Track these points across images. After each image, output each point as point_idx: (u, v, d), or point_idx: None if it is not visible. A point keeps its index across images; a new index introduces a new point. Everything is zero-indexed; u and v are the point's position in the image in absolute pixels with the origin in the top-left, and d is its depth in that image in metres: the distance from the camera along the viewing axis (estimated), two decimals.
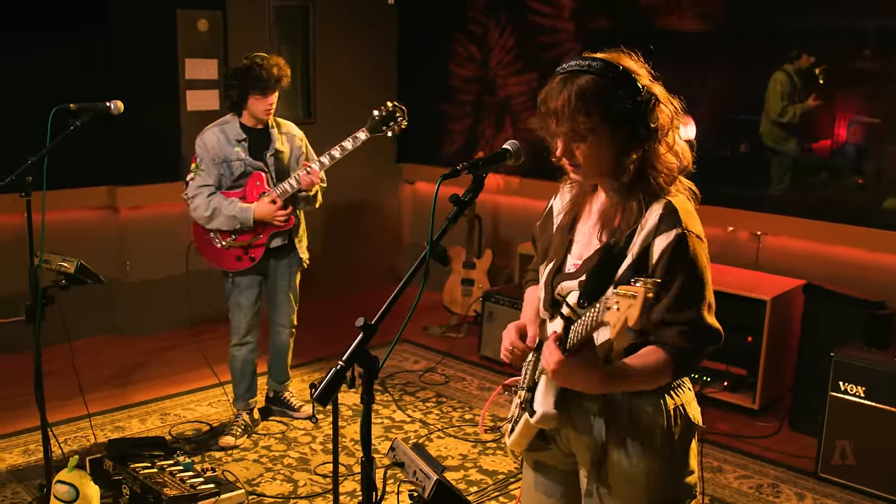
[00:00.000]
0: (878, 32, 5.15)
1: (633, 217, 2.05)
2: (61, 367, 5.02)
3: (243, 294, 4.64)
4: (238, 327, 4.68)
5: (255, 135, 4.55)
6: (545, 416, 2.13)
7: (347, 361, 1.95)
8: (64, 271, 3.68)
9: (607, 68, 2.01)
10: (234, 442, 4.58)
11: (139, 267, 6.39)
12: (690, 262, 2.01)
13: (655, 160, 2.06)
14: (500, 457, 4.53)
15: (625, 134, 2.03)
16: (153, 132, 6.28)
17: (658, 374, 2.02)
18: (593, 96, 1.98)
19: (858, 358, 4.26)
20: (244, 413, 4.76)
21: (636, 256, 2.03)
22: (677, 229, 2.00)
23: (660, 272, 1.99)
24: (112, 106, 3.66)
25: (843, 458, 4.24)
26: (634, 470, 2.11)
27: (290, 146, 4.66)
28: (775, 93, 5.48)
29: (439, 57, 7.51)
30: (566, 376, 1.95)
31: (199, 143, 4.50)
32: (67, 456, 4.07)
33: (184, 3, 6.31)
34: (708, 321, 2.03)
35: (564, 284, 2.16)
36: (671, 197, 2.06)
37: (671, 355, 2.00)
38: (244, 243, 4.53)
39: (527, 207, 6.91)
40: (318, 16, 7.13)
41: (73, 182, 5.90)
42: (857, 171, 5.31)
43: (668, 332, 2.01)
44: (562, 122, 2.03)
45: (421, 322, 6.69)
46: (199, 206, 4.44)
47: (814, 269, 5.29)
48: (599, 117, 1.99)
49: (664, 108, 2.07)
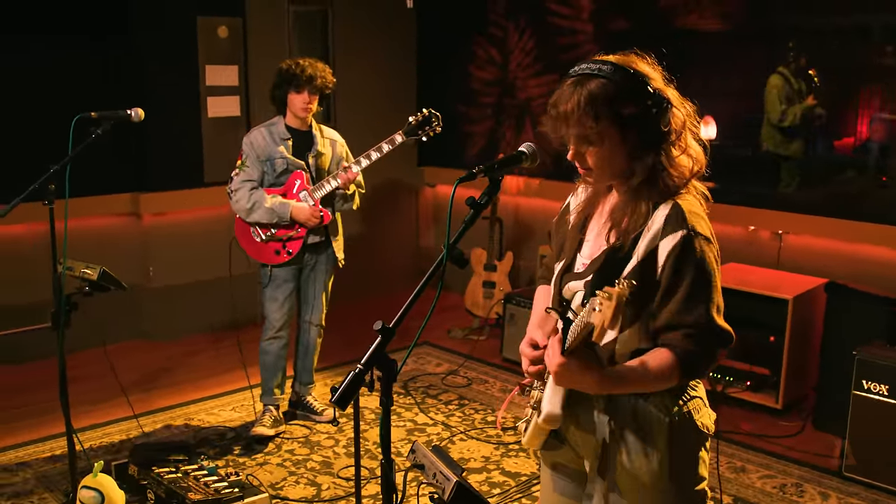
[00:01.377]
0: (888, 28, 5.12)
1: (641, 219, 2.05)
2: (87, 373, 5.10)
3: (280, 288, 4.76)
4: (273, 320, 4.80)
5: (299, 135, 4.73)
6: (549, 416, 2.14)
7: (366, 365, 1.96)
8: (87, 278, 3.72)
9: (617, 72, 2.00)
10: (269, 432, 4.69)
11: (163, 272, 6.44)
12: (697, 264, 1.99)
13: (667, 163, 2.05)
14: (522, 458, 4.53)
15: (635, 137, 2.03)
16: (175, 139, 6.34)
17: (664, 376, 2.01)
18: (602, 101, 1.98)
19: (882, 356, 4.23)
20: (272, 408, 4.84)
21: (641, 258, 2.02)
22: (683, 231, 1.99)
23: (666, 274, 1.99)
24: (133, 114, 3.70)
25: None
26: (636, 472, 2.10)
27: (332, 150, 4.82)
28: (772, 96, 5.46)
29: (459, 60, 7.52)
30: (565, 377, 1.98)
31: (247, 141, 4.69)
32: (92, 461, 4.11)
33: (204, 11, 6.36)
34: (716, 323, 2.02)
35: (571, 284, 2.17)
36: (679, 199, 2.05)
37: (678, 357, 1.99)
38: (283, 237, 4.67)
39: (547, 209, 6.91)
40: (337, 20, 7.16)
41: (96, 189, 5.98)
42: (880, 169, 5.28)
43: (674, 334, 2.01)
44: (571, 126, 2.03)
45: (444, 325, 6.70)
46: (240, 199, 4.61)
47: (836, 268, 5.26)
48: (608, 122, 2.00)
49: (677, 111, 2.06)
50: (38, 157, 3.97)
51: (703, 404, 2.17)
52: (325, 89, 4.64)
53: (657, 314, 2.02)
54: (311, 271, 4.85)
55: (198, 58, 6.37)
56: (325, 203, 4.70)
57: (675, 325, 2.00)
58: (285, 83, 4.60)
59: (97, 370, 5.12)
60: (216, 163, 6.50)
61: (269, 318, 4.82)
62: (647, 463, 2.09)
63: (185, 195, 6.42)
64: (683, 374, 2.02)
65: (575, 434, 2.21)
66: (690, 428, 2.13)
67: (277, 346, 4.83)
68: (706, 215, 2.09)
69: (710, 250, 2.02)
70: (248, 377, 5.07)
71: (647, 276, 2.02)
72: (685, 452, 2.13)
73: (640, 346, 2.06)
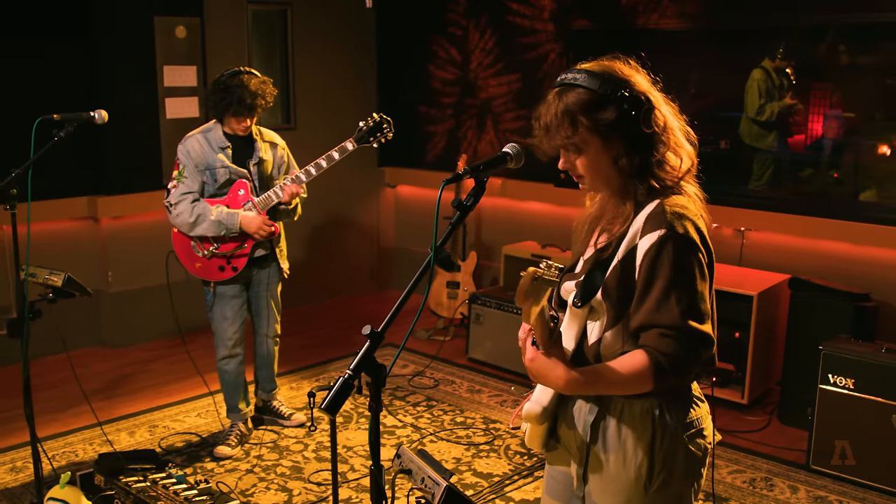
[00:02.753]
0: (848, 28, 5.18)
1: (623, 219, 2.06)
2: (46, 382, 4.98)
3: (228, 305, 4.57)
4: (225, 339, 4.60)
5: (238, 142, 4.51)
6: (528, 413, 2.16)
7: (355, 370, 1.93)
8: (51, 284, 3.64)
9: (593, 79, 2.02)
10: (230, 452, 4.55)
11: (122, 277, 6.33)
12: (673, 264, 1.97)
13: (655, 164, 2.05)
14: (493, 459, 4.52)
15: (618, 143, 2.03)
16: (133, 141, 6.22)
17: (637, 378, 1.96)
18: (578, 110, 2.00)
19: (847, 350, 4.29)
20: (240, 423, 4.71)
21: (621, 258, 2.02)
22: (661, 230, 1.98)
23: (642, 273, 1.98)
24: (96, 115, 3.61)
25: (842, 459, 4.26)
26: (617, 477, 2.08)
27: (273, 155, 4.63)
28: (753, 90, 5.51)
29: (419, 59, 7.49)
30: (534, 373, 2.02)
31: (182, 149, 4.45)
32: (57, 472, 4.02)
33: (161, 11, 6.25)
34: (689, 324, 1.96)
35: (567, 284, 2.17)
36: (667, 198, 2.04)
37: (651, 359, 1.95)
38: (227, 252, 4.47)
39: (510, 208, 6.92)
40: (297, 19, 7.09)
41: (53, 193, 5.84)
42: (833, 165, 5.35)
43: (648, 334, 1.98)
44: (552, 137, 2.05)
45: (408, 326, 6.65)
46: (182, 213, 4.37)
47: (799, 264, 5.32)
48: (587, 130, 2.01)
49: (659, 111, 2.06)
50: None
51: (700, 424, 2.12)
52: (264, 109, 4.45)
53: (634, 314, 2.01)
54: (259, 285, 4.66)
55: (155, 59, 6.26)
56: (269, 215, 4.49)
57: (650, 325, 1.97)
58: (225, 104, 4.34)
59: (57, 378, 5.03)
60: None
61: (220, 337, 4.61)
62: (626, 467, 2.07)
63: (143, 198, 6.31)
64: (658, 377, 1.96)
65: (566, 434, 2.21)
66: (678, 443, 2.08)
67: (234, 364, 4.64)
68: (701, 215, 2.07)
69: (689, 250, 1.99)
70: (207, 384, 5.02)
71: (627, 276, 2.01)
72: (671, 468, 2.07)
73: (624, 349, 2.04)
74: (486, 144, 7.05)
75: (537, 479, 4.30)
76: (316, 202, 7.29)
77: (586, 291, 2.06)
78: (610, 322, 2.04)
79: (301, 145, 7.08)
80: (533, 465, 4.43)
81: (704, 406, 2.17)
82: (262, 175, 4.56)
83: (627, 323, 2.03)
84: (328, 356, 6.09)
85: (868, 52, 5.17)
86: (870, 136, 5.20)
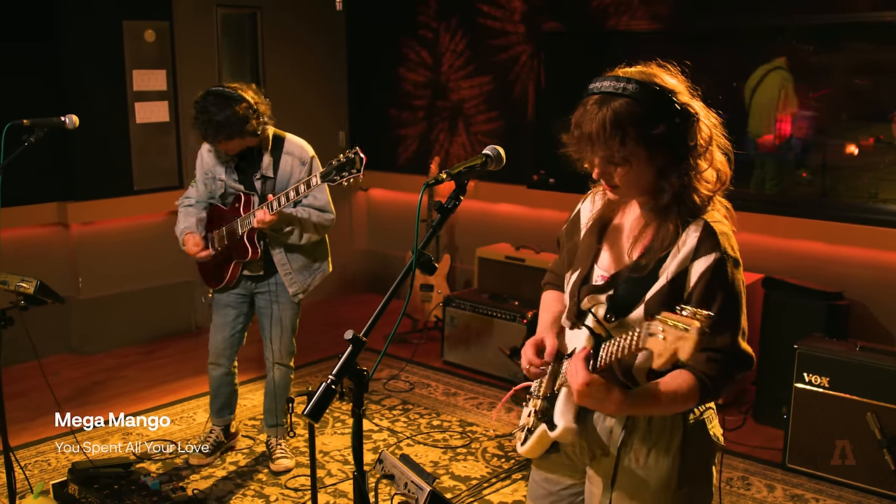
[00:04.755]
0: (812, 29, 5.25)
1: (669, 238, 2.01)
2: (18, 389, 4.92)
3: (220, 312, 4.45)
4: (212, 346, 4.49)
5: (249, 154, 4.24)
6: (566, 431, 2.10)
7: (337, 375, 1.91)
8: (23, 292, 3.58)
9: (643, 91, 1.95)
10: (205, 460, 4.49)
11: (92, 284, 6.26)
12: (728, 288, 1.97)
13: (695, 179, 2.01)
14: (471, 462, 4.51)
15: (664, 155, 1.98)
16: (102, 146, 6.15)
17: (683, 399, 1.98)
18: (628, 122, 1.92)
19: (822, 349, 4.32)
20: (218, 429, 4.61)
21: (671, 278, 1.99)
22: (716, 253, 1.96)
23: (697, 296, 1.96)
24: (67, 120, 3.58)
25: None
26: (648, 482, 2.09)
27: (290, 170, 4.24)
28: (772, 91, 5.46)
29: (390, 62, 7.48)
30: (587, 396, 1.93)
31: (198, 155, 4.39)
32: (31, 482, 3.97)
33: (129, 14, 6.19)
34: (741, 348, 1.99)
35: (590, 297, 2.12)
36: (709, 217, 2.01)
37: (699, 381, 1.96)
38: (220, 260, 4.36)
39: (483, 210, 6.90)
40: (266, 22, 7.05)
41: (22, 199, 5.76)
42: (802, 164, 5.41)
43: (698, 357, 1.94)
44: (596, 148, 1.97)
45: (383, 330, 6.64)
46: (178, 215, 4.43)
47: (772, 263, 5.36)
48: (635, 143, 1.94)
49: (703, 124, 2.02)
50: None
51: (714, 415, 2.17)
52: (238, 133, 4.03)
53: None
54: (260, 304, 4.42)
55: (124, 62, 6.20)
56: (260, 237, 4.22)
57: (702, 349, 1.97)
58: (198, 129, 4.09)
59: (27, 386, 4.95)
60: (145, 170, 6.35)
61: (209, 343, 4.50)
62: (657, 469, 2.08)
63: (113, 203, 6.24)
64: (702, 398, 1.99)
65: (582, 442, 2.18)
66: (704, 436, 2.12)
67: (218, 374, 4.50)
68: (733, 233, 2.05)
69: (739, 274, 2.00)
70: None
71: (675, 296, 1.98)
72: (697, 460, 2.13)
73: None
74: (459, 147, 7.05)
75: (515, 481, 4.29)
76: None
77: (621, 307, 2.04)
78: None
79: None
80: (511, 468, 4.43)
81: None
82: (269, 191, 4.21)
83: None
84: (302, 361, 6.04)
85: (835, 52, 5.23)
86: (838, 136, 5.26)
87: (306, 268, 4.38)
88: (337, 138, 7.63)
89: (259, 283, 4.38)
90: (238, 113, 3.96)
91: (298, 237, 4.24)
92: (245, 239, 4.18)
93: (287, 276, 4.32)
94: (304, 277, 4.37)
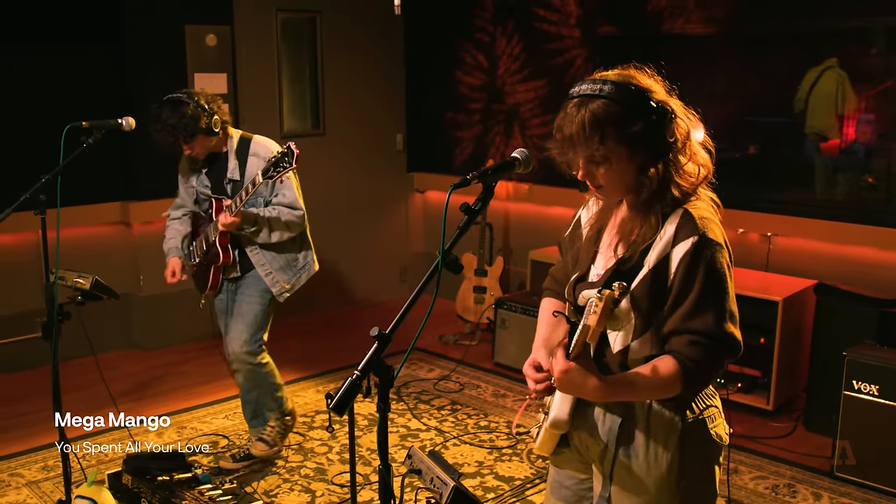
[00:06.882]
0: (885, 29, 5.16)
1: (651, 231, 2.06)
2: (78, 383, 5.07)
3: (221, 319, 4.52)
4: (227, 354, 4.46)
5: (213, 160, 4.32)
6: (556, 421, 2.17)
7: (363, 371, 1.96)
8: (79, 287, 3.71)
9: (619, 91, 2.00)
10: (230, 465, 4.47)
11: (153, 281, 6.42)
12: (707, 270, 2.00)
13: (675, 173, 2.06)
14: (516, 463, 4.54)
15: (643, 152, 2.03)
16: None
17: (666, 384, 2.01)
18: (607, 122, 1.98)
19: (871, 356, 4.26)
20: (253, 437, 4.59)
21: (653, 266, 2.03)
22: (694, 237, 2.00)
23: (677, 280, 2.00)
24: (124, 123, 3.69)
25: (843, 459, 4.24)
26: (647, 478, 2.11)
27: (254, 170, 4.16)
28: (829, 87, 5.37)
29: (447, 66, 7.54)
30: (566, 384, 2.01)
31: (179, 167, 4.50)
32: (86, 471, 4.10)
33: (192, 19, 6.35)
34: (725, 330, 2.01)
35: (585, 293, 2.17)
36: (689, 206, 2.05)
37: (680, 365, 2.00)
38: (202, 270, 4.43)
39: (538, 214, 6.93)
40: (326, 26, 7.16)
41: (86, 199, 5.96)
42: (866, 170, 5.32)
43: (679, 339, 2.01)
44: (578, 149, 2.03)
45: (436, 331, 6.71)
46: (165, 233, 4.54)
47: (825, 269, 5.29)
48: (614, 141, 2.00)
49: (680, 121, 2.06)
50: (28, 166, 3.97)
51: (718, 414, 2.17)
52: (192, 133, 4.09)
53: (666, 320, 2.04)
54: (231, 299, 4.44)
55: (186, 66, 6.36)
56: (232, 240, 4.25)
57: (681, 331, 2.01)
58: None
59: (87, 380, 5.10)
60: None
61: (224, 351, 4.52)
62: (656, 466, 2.10)
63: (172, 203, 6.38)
64: (685, 383, 2.01)
65: (581, 437, 2.22)
66: (704, 436, 2.13)
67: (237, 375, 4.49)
68: (719, 220, 2.09)
69: (721, 256, 2.03)
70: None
71: (659, 284, 2.03)
72: (697, 460, 2.13)
73: (652, 353, 2.06)
74: (514, 150, 7.05)
75: None
76: (346, 208, 7.37)
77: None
78: (638, 331, 2.06)
79: (331, 151, 7.18)
80: None
81: (717, 397, 2.21)
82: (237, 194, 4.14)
83: (655, 330, 2.05)
84: (356, 360, 6.13)
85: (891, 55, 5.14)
86: None
87: (289, 266, 4.39)
88: (394, 141, 7.71)
89: (236, 280, 4.41)
90: (188, 113, 4.04)
91: (268, 235, 4.22)
92: (217, 244, 4.24)
93: (268, 277, 4.32)
94: (287, 276, 4.38)
